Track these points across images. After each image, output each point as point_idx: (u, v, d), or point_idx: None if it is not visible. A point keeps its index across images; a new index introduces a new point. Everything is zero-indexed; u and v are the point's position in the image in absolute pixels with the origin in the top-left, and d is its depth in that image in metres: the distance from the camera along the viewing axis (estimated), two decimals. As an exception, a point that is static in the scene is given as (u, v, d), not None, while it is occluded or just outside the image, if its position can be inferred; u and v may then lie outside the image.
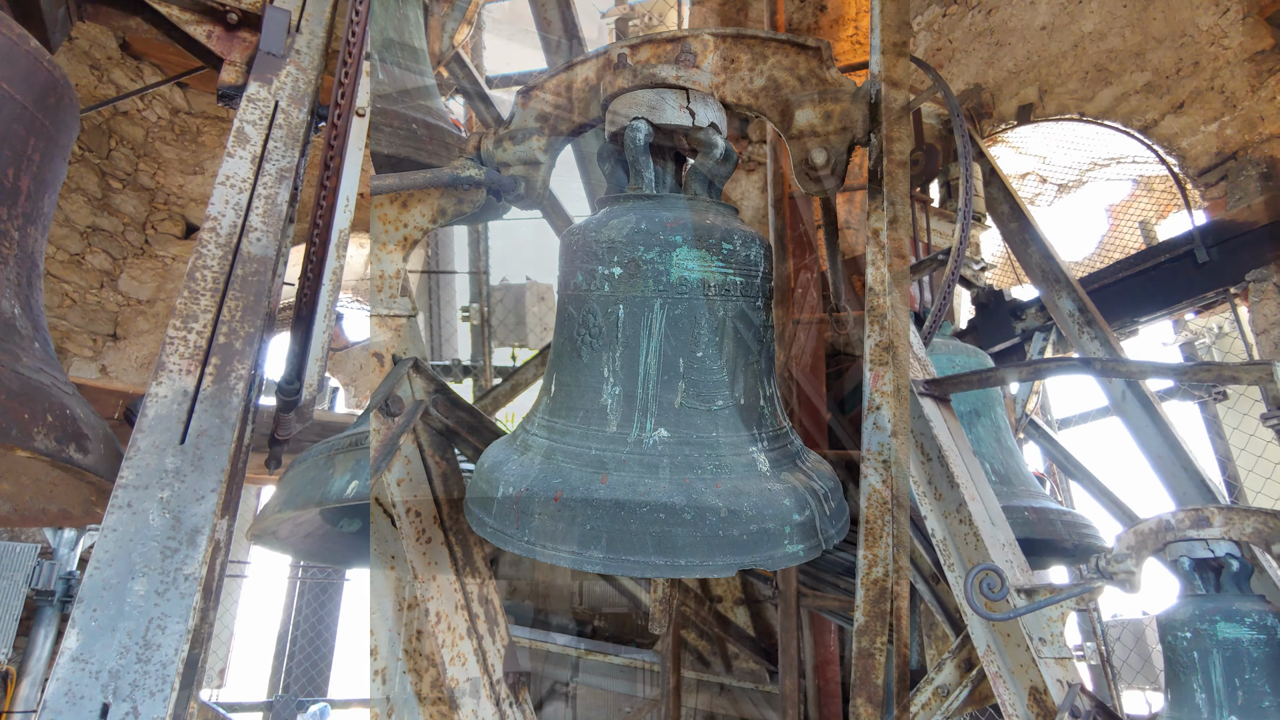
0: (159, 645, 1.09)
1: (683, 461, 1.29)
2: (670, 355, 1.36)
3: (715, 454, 1.31)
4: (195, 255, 1.52)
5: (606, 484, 1.25)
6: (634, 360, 1.36)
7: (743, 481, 1.29)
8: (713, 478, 1.27)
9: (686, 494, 1.23)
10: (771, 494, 1.29)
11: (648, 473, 1.26)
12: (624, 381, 1.35)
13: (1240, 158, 3.63)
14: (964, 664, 2.04)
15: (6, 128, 1.90)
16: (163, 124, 6.46)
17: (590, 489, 1.24)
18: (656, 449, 1.30)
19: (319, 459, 1.37)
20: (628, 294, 1.39)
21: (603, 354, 1.38)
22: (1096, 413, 4.33)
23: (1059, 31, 4.75)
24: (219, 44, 2.33)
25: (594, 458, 1.31)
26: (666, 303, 1.37)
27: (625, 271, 1.39)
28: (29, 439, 1.55)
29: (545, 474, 1.31)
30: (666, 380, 1.35)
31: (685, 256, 1.39)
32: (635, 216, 1.43)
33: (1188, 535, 1.58)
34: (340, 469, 1.29)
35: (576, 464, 1.31)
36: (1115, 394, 3.04)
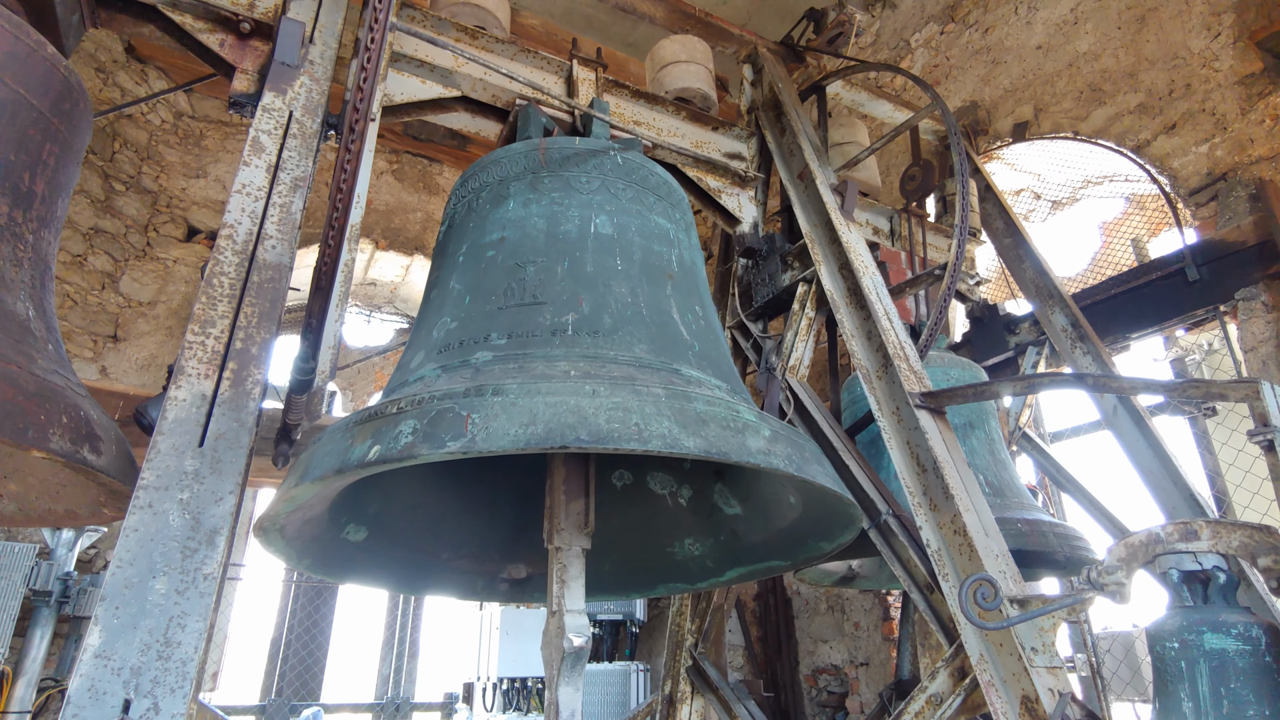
0: (179, 643, 1.11)
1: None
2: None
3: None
4: (212, 262, 1.56)
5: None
6: None
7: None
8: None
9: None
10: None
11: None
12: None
13: (1230, 179, 3.70)
14: (957, 672, 2.08)
15: (23, 133, 1.93)
16: (166, 127, 6.49)
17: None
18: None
19: (336, 432, 1.33)
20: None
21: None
22: (1088, 426, 4.38)
23: (1054, 51, 4.83)
24: (231, 52, 2.38)
25: None
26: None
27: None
28: (45, 440, 1.58)
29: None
30: None
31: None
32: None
33: (1176, 548, 1.62)
34: (360, 438, 1.23)
35: None
36: (1107, 408, 3.09)
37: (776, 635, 5.84)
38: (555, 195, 1.87)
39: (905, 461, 2.33)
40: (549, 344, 1.52)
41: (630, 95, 3.04)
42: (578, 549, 1.59)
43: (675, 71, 3.39)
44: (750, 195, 3.28)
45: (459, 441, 1.14)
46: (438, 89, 2.60)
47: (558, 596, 1.52)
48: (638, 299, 1.69)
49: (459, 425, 1.16)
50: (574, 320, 1.57)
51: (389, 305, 8.71)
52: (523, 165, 1.96)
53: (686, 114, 3.19)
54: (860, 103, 4.00)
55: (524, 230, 1.80)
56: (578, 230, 1.79)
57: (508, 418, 1.17)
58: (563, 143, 2.04)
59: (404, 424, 1.20)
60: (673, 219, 2.03)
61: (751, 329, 3.25)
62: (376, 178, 7.50)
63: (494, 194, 1.93)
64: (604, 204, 1.88)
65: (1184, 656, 1.62)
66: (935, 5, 5.83)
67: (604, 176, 1.95)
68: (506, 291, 1.66)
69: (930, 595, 2.25)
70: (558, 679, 1.46)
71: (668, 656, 3.28)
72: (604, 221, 1.83)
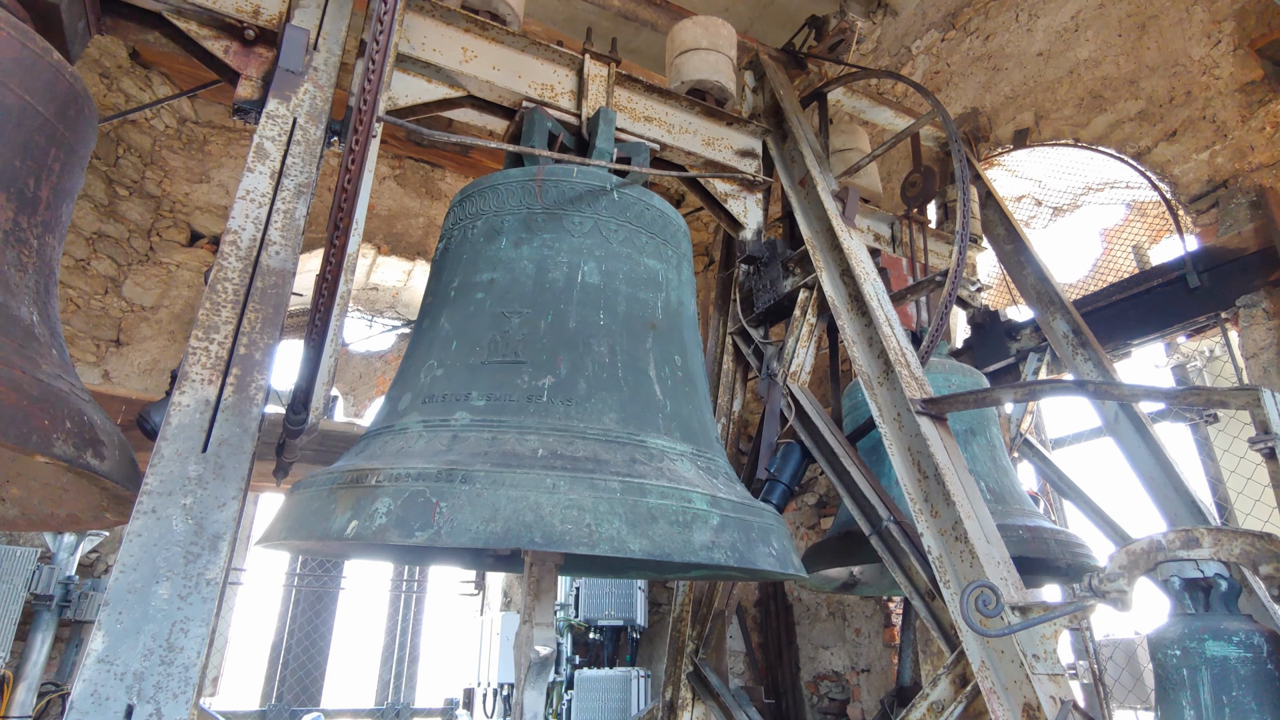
0: (182, 648, 1.12)
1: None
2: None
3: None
4: (216, 268, 1.57)
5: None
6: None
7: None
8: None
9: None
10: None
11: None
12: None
13: (1231, 186, 3.71)
14: (959, 679, 2.08)
15: (29, 138, 1.94)
16: (170, 133, 6.52)
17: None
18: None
19: (321, 490, 1.44)
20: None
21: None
22: (1090, 433, 4.38)
23: (1055, 58, 4.84)
24: (235, 59, 2.39)
25: None
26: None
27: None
28: (49, 445, 1.58)
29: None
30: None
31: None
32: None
33: (1178, 555, 1.63)
34: (341, 506, 1.34)
35: None
36: (1108, 415, 3.09)
37: (777, 641, 5.83)
38: (547, 237, 1.95)
39: (906, 468, 2.33)
40: (523, 411, 1.62)
41: (643, 90, 3.04)
42: (551, 565, 1.67)
43: (694, 60, 3.22)
44: (757, 199, 3.28)
45: (426, 533, 1.26)
46: (444, 90, 2.59)
47: (528, 608, 1.61)
48: (615, 359, 1.79)
49: (427, 514, 1.28)
50: (550, 385, 1.67)
51: (390, 310, 8.73)
52: (519, 198, 2.03)
53: (700, 109, 3.16)
54: (861, 109, 4.01)
55: (513, 274, 1.89)
56: (565, 279, 1.89)
57: (472, 511, 1.29)
58: (560, 174, 2.08)
59: (380, 502, 1.32)
60: (664, 258, 2.09)
61: (753, 335, 3.25)
62: (379, 183, 7.53)
63: (489, 226, 2.03)
64: (594, 249, 1.96)
65: (1186, 664, 1.62)
66: (936, 12, 5.85)
67: (597, 217, 2.01)
68: (491, 345, 1.76)
69: (931, 602, 2.25)
70: (524, 683, 1.56)
71: (669, 662, 3.28)
72: (592, 270, 1.91)
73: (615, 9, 3.46)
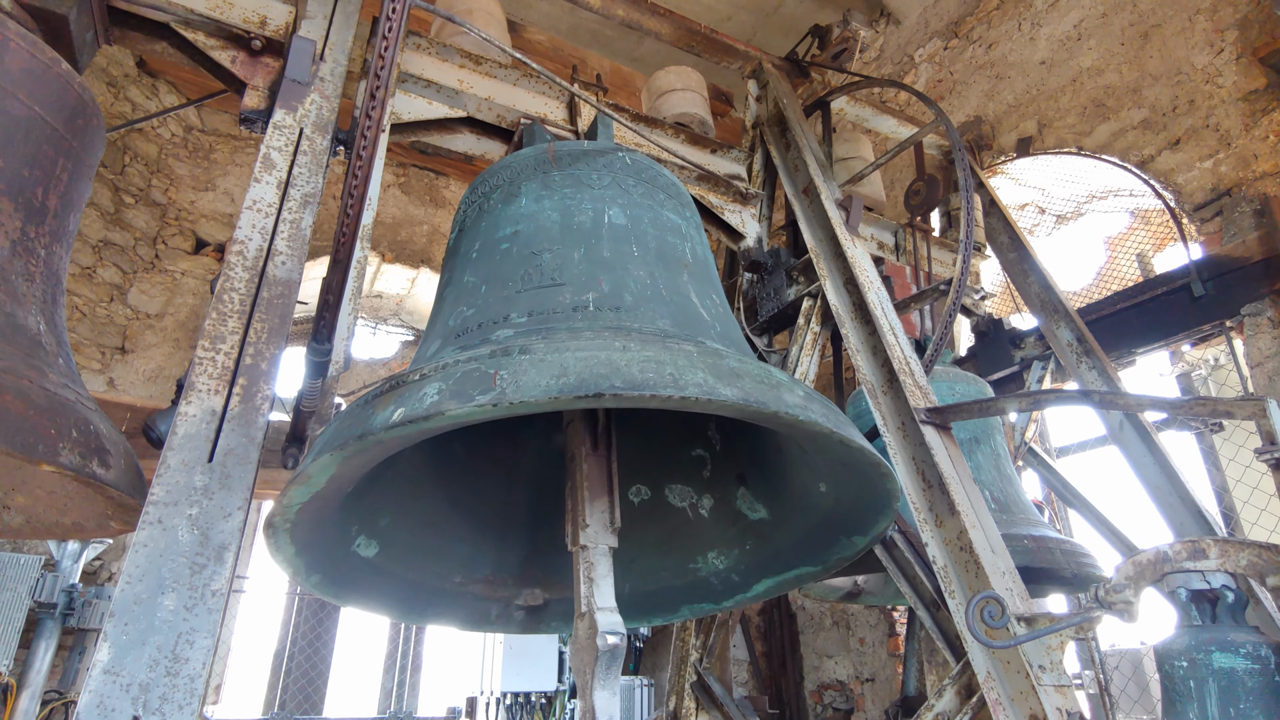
0: (187, 659, 1.12)
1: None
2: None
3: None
4: (223, 278, 1.57)
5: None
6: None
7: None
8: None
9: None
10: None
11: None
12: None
13: (1235, 194, 3.71)
14: (964, 690, 2.07)
15: (37, 149, 1.95)
16: (176, 141, 6.55)
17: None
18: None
19: (354, 407, 1.26)
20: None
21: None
22: (1094, 441, 4.37)
23: (1058, 66, 4.85)
24: (242, 69, 2.40)
25: None
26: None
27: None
28: (55, 454, 1.59)
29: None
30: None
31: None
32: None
33: (1184, 567, 1.62)
34: (381, 405, 1.17)
35: None
36: (1113, 424, 3.08)
37: (781, 650, 5.81)
38: (567, 190, 1.85)
39: (911, 477, 2.32)
40: (571, 319, 1.48)
41: (630, 118, 3.08)
42: (604, 546, 1.54)
43: (672, 99, 3.54)
44: (752, 212, 3.30)
45: (488, 395, 1.08)
46: (444, 109, 2.65)
47: (586, 596, 1.45)
48: (656, 281, 1.66)
49: (486, 381, 1.12)
50: (595, 298, 1.53)
51: (394, 318, 8.74)
52: (533, 165, 1.95)
53: (685, 137, 3.23)
54: (864, 118, 4.02)
55: (538, 223, 1.78)
56: (592, 221, 1.76)
57: (537, 371, 1.12)
58: (571, 145, 2.05)
59: (429, 386, 1.15)
60: (683, 216, 2.02)
61: (757, 343, 3.26)
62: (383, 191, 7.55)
63: (505, 193, 1.91)
64: (616, 198, 1.86)
65: (1193, 676, 1.61)
66: (939, 21, 5.87)
67: (614, 174, 1.94)
68: (524, 277, 1.63)
69: (936, 612, 2.24)
70: (592, 683, 1.37)
71: (672, 672, 3.27)
72: (617, 213, 1.81)
73: (619, 19, 3.48)
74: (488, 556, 2.02)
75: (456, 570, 1.97)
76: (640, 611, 2.07)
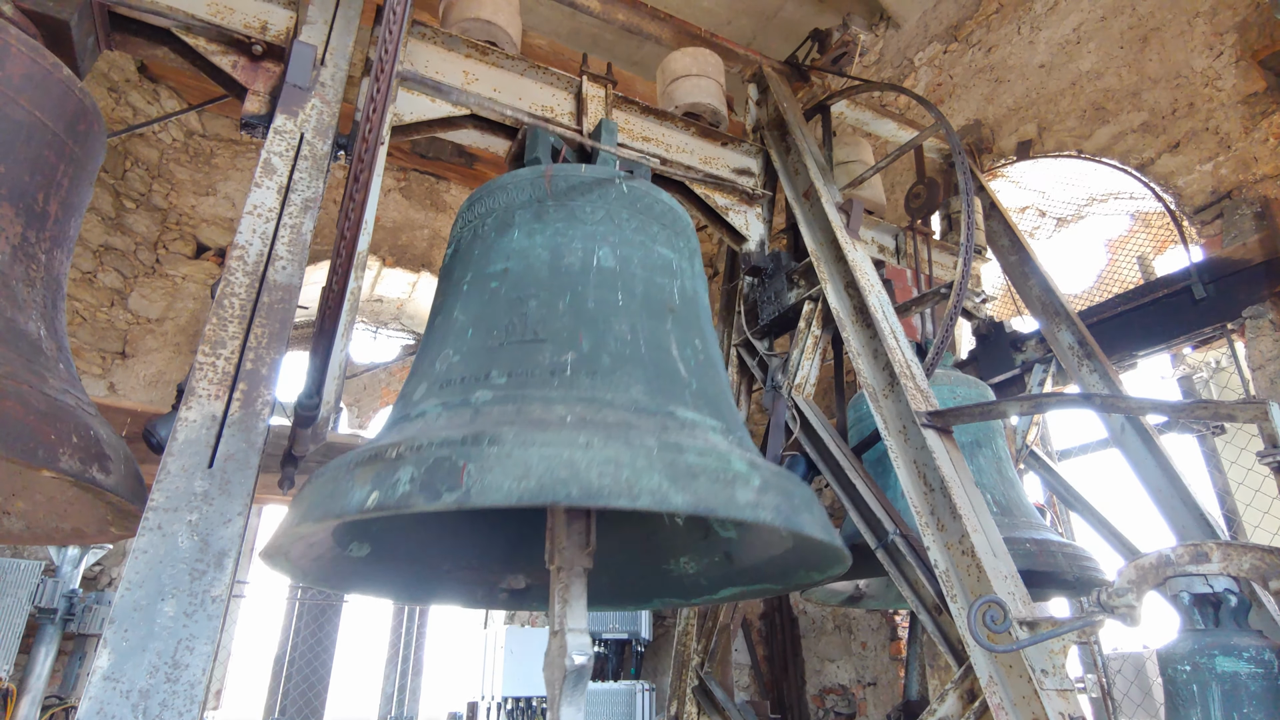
0: (187, 665, 1.11)
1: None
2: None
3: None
4: (224, 283, 1.57)
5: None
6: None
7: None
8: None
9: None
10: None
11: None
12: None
13: (1235, 197, 3.71)
14: (966, 695, 2.06)
15: (38, 154, 1.95)
16: (177, 146, 6.57)
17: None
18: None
19: (337, 472, 1.35)
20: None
21: None
22: (1096, 444, 4.36)
23: (1057, 70, 4.86)
24: (243, 74, 2.41)
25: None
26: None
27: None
28: (55, 459, 1.59)
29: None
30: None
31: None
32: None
33: (1187, 570, 1.62)
34: (360, 481, 1.25)
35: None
36: (1115, 427, 3.07)
37: (783, 654, 5.79)
38: (559, 225, 1.92)
39: (912, 481, 2.32)
40: (547, 385, 1.55)
41: (639, 111, 3.07)
42: (579, 569, 1.61)
43: (686, 85, 3.38)
44: (757, 212, 3.29)
45: (454, 494, 1.17)
46: (447, 108, 2.62)
47: (559, 616, 1.51)
48: (637, 336, 1.73)
49: (454, 476, 1.19)
50: (573, 360, 1.61)
51: (395, 321, 8.74)
52: (528, 193, 2.00)
53: (695, 129, 3.21)
54: (864, 122, 4.02)
55: (527, 262, 1.85)
56: (580, 263, 1.84)
57: (502, 470, 1.20)
58: (568, 170, 2.07)
59: (402, 471, 1.22)
60: (676, 248, 2.07)
61: (757, 347, 3.25)
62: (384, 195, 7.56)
63: (499, 221, 1.98)
64: (607, 235, 1.93)
65: (1196, 680, 1.60)
66: (938, 25, 5.88)
67: (608, 206, 1.99)
68: (508, 327, 1.70)
69: (938, 616, 2.23)
70: (560, 699, 1.46)
71: (674, 676, 3.26)
72: (606, 254, 1.88)
73: (619, 23, 3.48)
74: (473, 548, 2.12)
75: (445, 560, 2.07)
76: (615, 599, 2.20)
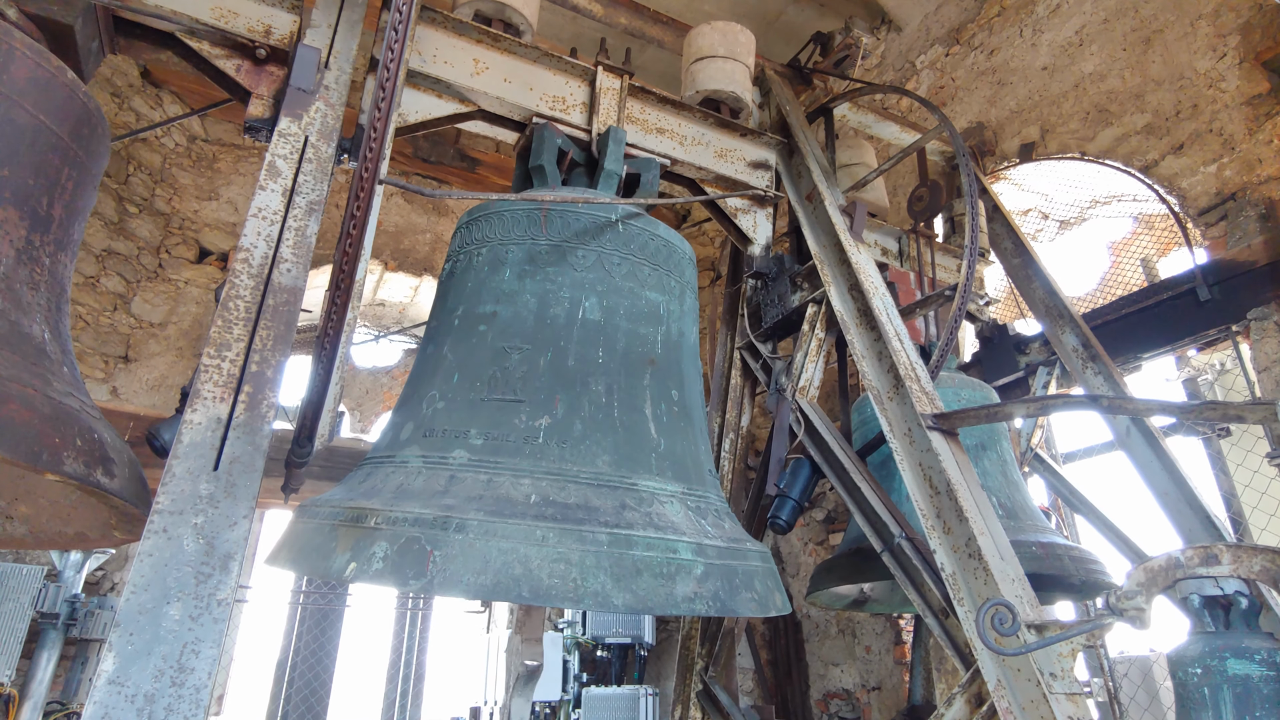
0: (193, 669, 1.11)
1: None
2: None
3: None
4: (228, 285, 1.57)
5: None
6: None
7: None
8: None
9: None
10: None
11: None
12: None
13: (1239, 198, 3.70)
14: (974, 699, 2.05)
15: (42, 158, 1.95)
16: (180, 150, 6.58)
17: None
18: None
19: (324, 525, 1.49)
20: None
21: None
22: (1101, 447, 4.34)
23: (1060, 72, 4.86)
24: (247, 78, 2.41)
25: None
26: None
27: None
28: (59, 463, 1.58)
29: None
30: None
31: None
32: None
33: (1197, 573, 1.60)
34: (341, 545, 1.41)
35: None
36: (1120, 429, 3.06)
37: (787, 659, 5.77)
38: (550, 271, 2.00)
39: (918, 484, 2.31)
40: (519, 453, 1.68)
41: (655, 102, 3.04)
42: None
43: (710, 69, 3.17)
44: (767, 214, 3.28)
45: (420, 581, 1.31)
46: (454, 105, 2.60)
47: (519, 621, 1.67)
48: (612, 398, 1.85)
49: (421, 564, 1.34)
50: (546, 427, 1.73)
51: (397, 325, 8.74)
52: (523, 228, 2.07)
53: (713, 120, 3.15)
54: (867, 124, 4.02)
55: (515, 308, 1.96)
56: (566, 316, 1.96)
57: (464, 562, 1.34)
58: (565, 211, 2.11)
59: (377, 546, 1.37)
60: (666, 289, 2.14)
61: (761, 350, 3.25)
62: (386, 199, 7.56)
63: (493, 255, 2.10)
64: (596, 283, 2.01)
65: (1207, 683, 1.59)
66: (940, 28, 5.88)
67: (601, 250, 2.06)
68: (491, 380, 1.82)
69: (945, 620, 2.22)
70: (512, 690, 1.72)
71: (677, 681, 3.25)
72: (593, 305, 1.97)
73: (622, 26, 3.48)
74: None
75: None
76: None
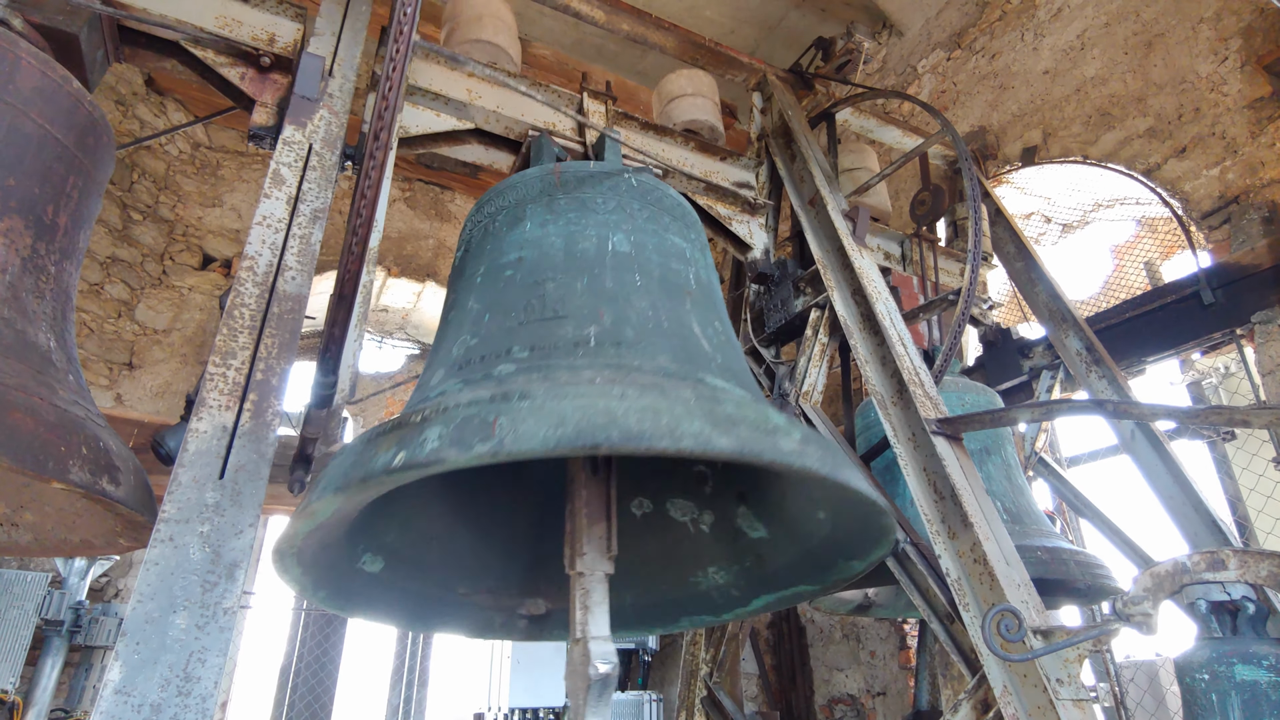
0: (199, 678, 1.11)
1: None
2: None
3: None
4: (233, 293, 1.57)
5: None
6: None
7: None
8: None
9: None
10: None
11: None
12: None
13: (1242, 201, 3.70)
14: (980, 705, 2.04)
15: (48, 166, 1.96)
16: (183, 158, 6.60)
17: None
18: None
19: (357, 445, 1.27)
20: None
21: None
22: (1105, 451, 4.34)
23: (1062, 76, 4.86)
24: (251, 86, 2.42)
25: None
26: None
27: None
28: (65, 472, 1.58)
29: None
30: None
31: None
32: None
33: (1204, 578, 1.60)
34: (384, 446, 1.18)
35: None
36: (1124, 433, 3.05)
37: (791, 664, 5.76)
38: (571, 215, 1.88)
39: (922, 489, 2.30)
40: (572, 355, 1.49)
41: (639, 127, 3.08)
42: (601, 573, 1.54)
43: (683, 104, 3.49)
44: (760, 222, 3.29)
45: (487, 444, 1.09)
46: (452, 121, 2.64)
47: (581, 623, 1.46)
48: (658, 313, 1.67)
49: (486, 429, 1.12)
50: (596, 332, 1.55)
51: (400, 331, 8.76)
52: (538, 188, 1.97)
53: (695, 145, 3.23)
54: (869, 129, 4.03)
55: (541, 249, 1.80)
56: (595, 248, 1.79)
57: (535, 420, 1.13)
58: (577, 166, 2.06)
59: (429, 430, 1.16)
60: (688, 239, 2.03)
61: (764, 355, 3.25)
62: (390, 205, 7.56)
63: (510, 216, 1.94)
64: (620, 223, 1.88)
65: (1215, 689, 1.58)
66: (941, 32, 5.89)
67: (619, 197, 1.96)
68: (526, 307, 1.65)
69: (951, 625, 2.22)
70: (584, 709, 1.40)
71: (682, 686, 3.24)
72: (621, 240, 1.83)
73: (624, 33, 3.50)
74: (492, 569, 2.02)
75: (460, 582, 1.97)
76: (641, 621, 2.07)
